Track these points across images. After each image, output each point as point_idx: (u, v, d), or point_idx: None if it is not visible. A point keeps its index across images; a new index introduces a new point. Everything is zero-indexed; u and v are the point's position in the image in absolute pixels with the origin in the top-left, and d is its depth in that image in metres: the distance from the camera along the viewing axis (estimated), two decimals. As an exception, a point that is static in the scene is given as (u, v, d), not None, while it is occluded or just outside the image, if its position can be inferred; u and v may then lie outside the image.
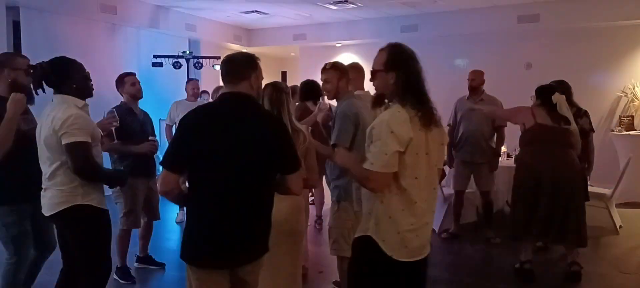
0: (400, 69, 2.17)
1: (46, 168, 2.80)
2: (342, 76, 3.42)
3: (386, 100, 2.28)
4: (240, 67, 2.27)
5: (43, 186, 2.84)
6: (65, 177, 2.76)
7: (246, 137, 2.17)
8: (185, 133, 2.20)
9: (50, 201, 2.81)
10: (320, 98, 4.99)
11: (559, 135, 4.08)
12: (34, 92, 2.89)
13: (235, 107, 2.23)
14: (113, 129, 3.85)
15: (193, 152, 2.14)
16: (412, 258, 2.21)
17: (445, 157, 3.20)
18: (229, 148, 2.14)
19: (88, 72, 2.97)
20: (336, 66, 3.47)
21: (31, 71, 2.96)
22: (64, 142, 2.69)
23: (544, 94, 4.18)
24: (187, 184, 2.28)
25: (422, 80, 2.20)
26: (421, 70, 2.20)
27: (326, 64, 3.51)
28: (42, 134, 2.78)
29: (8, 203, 3.06)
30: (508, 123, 5.37)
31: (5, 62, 3.14)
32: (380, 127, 2.12)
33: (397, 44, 2.26)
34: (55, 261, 3.16)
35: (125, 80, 4.30)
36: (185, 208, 7.07)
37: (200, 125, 2.19)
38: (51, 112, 2.77)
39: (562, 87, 4.72)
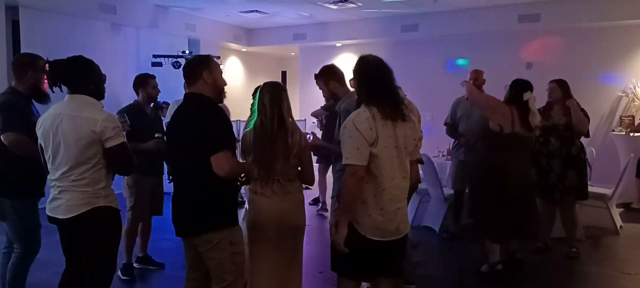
0: (363, 76, 2.60)
1: (64, 169, 2.67)
2: (328, 79, 3.60)
3: None
4: (191, 68, 2.74)
5: (58, 188, 2.71)
6: (91, 178, 2.68)
7: (183, 123, 2.66)
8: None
9: (69, 202, 2.67)
10: None
11: (528, 142, 4.20)
12: (50, 90, 2.84)
13: (184, 102, 2.79)
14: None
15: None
16: (385, 238, 2.55)
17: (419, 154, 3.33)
18: (174, 135, 2.74)
19: (105, 75, 2.92)
20: (321, 72, 3.66)
21: (48, 70, 2.86)
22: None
23: (518, 89, 4.16)
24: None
25: (386, 82, 2.55)
26: (385, 74, 2.57)
27: (315, 75, 3.72)
28: (66, 133, 2.64)
29: (26, 197, 3.18)
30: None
31: (30, 63, 3.23)
32: (350, 127, 2.48)
33: (362, 58, 2.67)
34: (55, 261, 3.15)
35: (149, 82, 4.35)
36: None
37: (171, 120, 2.87)
38: (78, 113, 2.66)
39: (562, 86, 4.73)
